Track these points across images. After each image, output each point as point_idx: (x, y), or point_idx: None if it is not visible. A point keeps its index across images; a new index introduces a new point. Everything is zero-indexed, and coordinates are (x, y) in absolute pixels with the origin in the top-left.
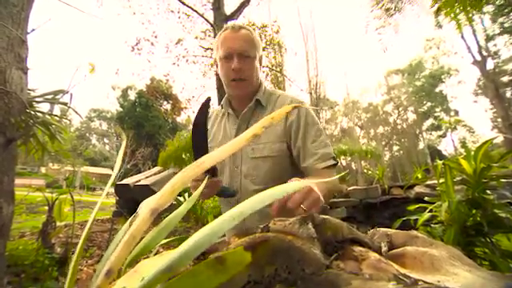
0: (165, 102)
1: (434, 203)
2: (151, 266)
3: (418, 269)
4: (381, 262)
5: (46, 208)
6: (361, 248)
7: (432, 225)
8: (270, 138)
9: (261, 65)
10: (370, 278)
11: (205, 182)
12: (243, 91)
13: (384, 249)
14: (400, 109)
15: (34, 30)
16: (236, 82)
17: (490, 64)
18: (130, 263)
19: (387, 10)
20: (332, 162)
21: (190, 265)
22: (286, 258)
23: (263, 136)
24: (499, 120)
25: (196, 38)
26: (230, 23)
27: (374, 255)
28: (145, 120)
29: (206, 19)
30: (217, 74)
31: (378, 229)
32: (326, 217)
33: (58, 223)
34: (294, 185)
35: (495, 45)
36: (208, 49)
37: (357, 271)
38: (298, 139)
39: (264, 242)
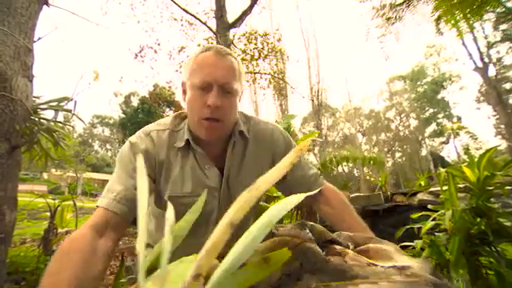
0: (167, 109)
1: (437, 211)
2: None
3: (379, 259)
4: (356, 255)
5: (48, 214)
6: (339, 246)
7: (436, 233)
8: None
9: (240, 101)
10: (360, 266)
11: None
12: (214, 135)
13: (351, 247)
14: (402, 115)
15: (40, 38)
16: (209, 123)
17: (492, 71)
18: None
19: (388, 19)
20: (322, 178)
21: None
22: (305, 254)
23: (250, 178)
24: (502, 126)
25: (198, 45)
26: (214, 45)
27: (350, 251)
28: None
29: (208, 27)
30: None
31: (341, 232)
32: (313, 223)
33: (60, 230)
34: (298, 197)
35: (498, 52)
36: None
37: (343, 263)
38: (293, 171)
39: (288, 242)
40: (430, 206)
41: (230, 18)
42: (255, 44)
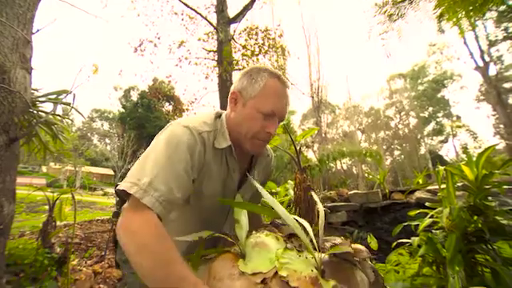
0: (167, 104)
1: (435, 209)
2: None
3: None
4: None
5: (47, 207)
6: None
7: (433, 230)
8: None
9: None
10: None
11: None
12: (260, 152)
13: None
14: (402, 113)
15: (38, 30)
16: (262, 142)
17: (493, 70)
18: None
19: (390, 15)
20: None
21: None
22: None
23: (252, 188)
24: (501, 126)
25: (199, 40)
26: (280, 74)
27: None
28: (146, 121)
29: (209, 21)
30: (220, 76)
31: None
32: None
33: (58, 223)
34: None
35: (498, 50)
36: (210, 51)
37: None
38: (263, 186)
39: None
40: (427, 204)
41: (231, 12)
42: (256, 40)
